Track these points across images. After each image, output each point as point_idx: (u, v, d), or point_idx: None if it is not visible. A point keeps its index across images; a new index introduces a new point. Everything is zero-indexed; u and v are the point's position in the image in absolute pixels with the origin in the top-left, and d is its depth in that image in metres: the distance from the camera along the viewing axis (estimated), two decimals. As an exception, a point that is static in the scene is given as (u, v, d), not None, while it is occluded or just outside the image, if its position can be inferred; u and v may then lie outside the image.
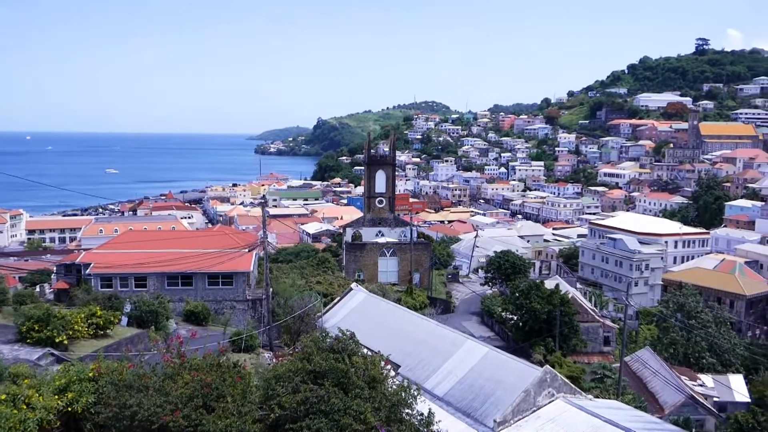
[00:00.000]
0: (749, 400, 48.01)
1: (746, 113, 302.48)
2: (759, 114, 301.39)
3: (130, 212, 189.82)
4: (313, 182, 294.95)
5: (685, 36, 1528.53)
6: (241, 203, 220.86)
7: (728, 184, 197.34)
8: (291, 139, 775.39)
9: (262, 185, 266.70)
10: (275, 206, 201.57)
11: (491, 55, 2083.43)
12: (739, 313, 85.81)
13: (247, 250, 55.12)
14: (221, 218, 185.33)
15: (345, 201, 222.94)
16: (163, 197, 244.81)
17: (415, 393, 15.66)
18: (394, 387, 15.73)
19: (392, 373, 18.45)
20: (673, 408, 45.24)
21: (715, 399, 49.64)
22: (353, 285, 46.57)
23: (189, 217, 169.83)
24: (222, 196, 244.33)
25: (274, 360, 28.98)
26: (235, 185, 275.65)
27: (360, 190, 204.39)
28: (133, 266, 51.80)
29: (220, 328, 42.25)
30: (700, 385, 50.64)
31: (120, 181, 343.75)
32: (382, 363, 16.40)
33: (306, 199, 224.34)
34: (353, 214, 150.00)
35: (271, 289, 45.49)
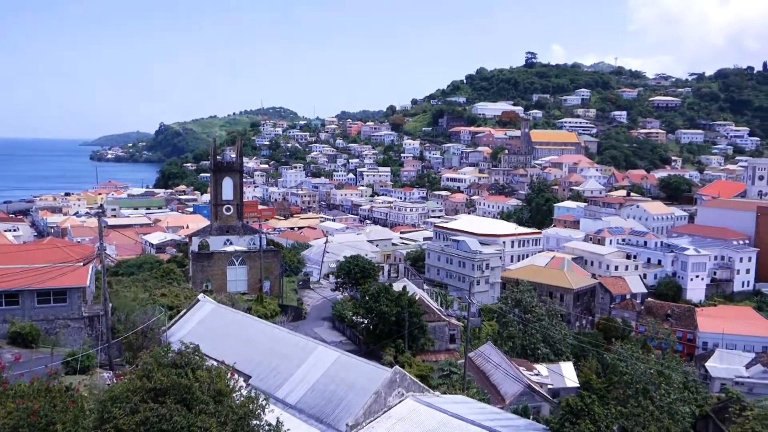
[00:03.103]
0: (578, 384, 52.25)
1: (570, 122, 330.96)
2: (580, 123, 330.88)
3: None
4: (156, 190, 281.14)
5: (516, 49, 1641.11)
6: (76, 213, 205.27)
7: (556, 187, 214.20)
8: (131, 144, 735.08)
9: (99, 194, 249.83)
10: (114, 216, 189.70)
11: (337, 62, 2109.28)
12: (568, 306, 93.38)
13: (82, 264, 51.27)
14: (53, 230, 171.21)
15: (191, 209, 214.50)
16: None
17: (264, 403, 15.42)
18: (242, 399, 15.36)
19: (242, 384, 18.01)
20: (513, 397, 48.16)
21: (549, 386, 53.54)
22: (200, 296, 44.97)
23: (14, 230, 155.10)
24: (53, 206, 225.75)
25: (114, 380, 27.30)
26: (68, 194, 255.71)
27: (206, 197, 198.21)
28: (-55, 286, 46.25)
29: (51, 350, 38.95)
30: (536, 375, 54.41)
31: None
32: (229, 375, 15.96)
33: (148, 208, 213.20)
34: (200, 222, 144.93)
35: (110, 305, 42.71)
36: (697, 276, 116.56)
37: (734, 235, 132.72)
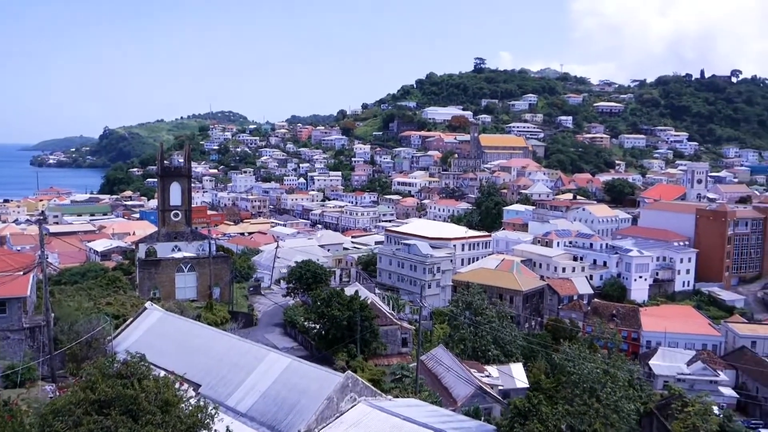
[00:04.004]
0: (527, 385, 53.11)
1: (518, 126, 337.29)
2: (528, 127, 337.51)
3: None
4: (101, 196, 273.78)
5: (464, 55, 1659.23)
6: (15, 221, 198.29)
7: (505, 191, 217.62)
8: (74, 149, 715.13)
9: (41, 200, 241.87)
10: (57, 223, 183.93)
11: (287, 65, 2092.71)
12: (518, 307, 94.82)
13: (22, 273, 49.58)
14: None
15: (137, 215, 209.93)
16: None
17: (213, 412, 15.19)
18: (190, 408, 15.09)
19: (191, 393, 17.72)
20: (465, 399, 48.62)
21: (500, 387, 54.28)
22: (147, 304, 44.12)
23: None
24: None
25: (57, 392, 26.52)
26: (6, 201, 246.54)
27: (153, 203, 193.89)
28: None
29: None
30: (487, 376, 55.09)
31: None
32: (177, 384, 15.67)
33: (93, 215, 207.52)
34: (147, 228, 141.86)
35: (52, 315, 41.41)
36: (640, 277, 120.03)
37: (675, 236, 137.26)
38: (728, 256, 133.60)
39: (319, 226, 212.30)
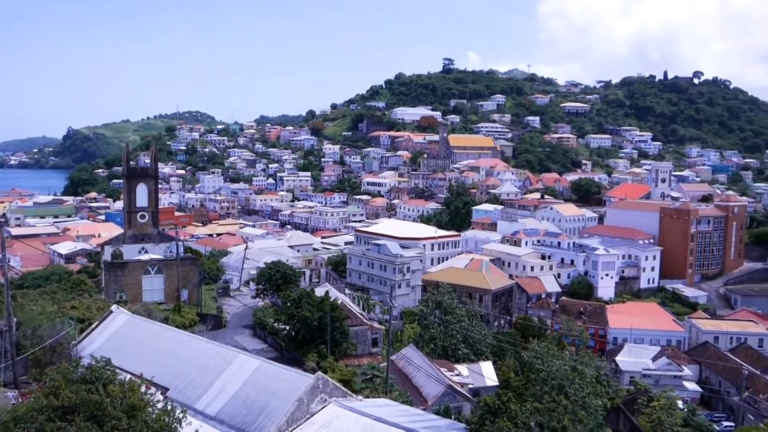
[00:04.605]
0: (497, 383, 53.53)
1: (486, 127, 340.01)
2: (496, 127, 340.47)
3: None
4: (65, 198, 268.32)
5: (433, 56, 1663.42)
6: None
7: (474, 191, 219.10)
8: (36, 150, 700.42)
9: (2, 202, 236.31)
10: (19, 225, 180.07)
11: (255, 65, 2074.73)
12: (487, 306, 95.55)
13: (-18, 277, 48.39)
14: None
15: (103, 217, 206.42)
16: None
17: (180, 416, 15.01)
18: (157, 412, 14.87)
19: (158, 397, 17.49)
20: (435, 398, 48.81)
21: (470, 386, 54.60)
22: (113, 307, 43.43)
23: None
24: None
25: (19, 399, 26.01)
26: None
27: (119, 204, 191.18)
28: None
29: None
30: (457, 375, 55.38)
31: None
32: (144, 388, 15.44)
33: (56, 217, 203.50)
34: (113, 230, 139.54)
35: (14, 319, 40.51)
36: (606, 274, 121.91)
37: (640, 234, 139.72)
38: (691, 253, 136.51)
39: (289, 226, 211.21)
